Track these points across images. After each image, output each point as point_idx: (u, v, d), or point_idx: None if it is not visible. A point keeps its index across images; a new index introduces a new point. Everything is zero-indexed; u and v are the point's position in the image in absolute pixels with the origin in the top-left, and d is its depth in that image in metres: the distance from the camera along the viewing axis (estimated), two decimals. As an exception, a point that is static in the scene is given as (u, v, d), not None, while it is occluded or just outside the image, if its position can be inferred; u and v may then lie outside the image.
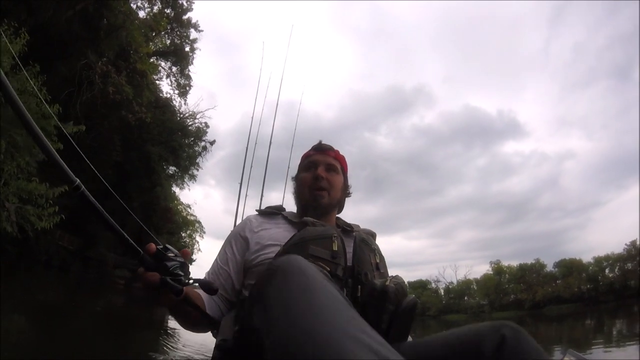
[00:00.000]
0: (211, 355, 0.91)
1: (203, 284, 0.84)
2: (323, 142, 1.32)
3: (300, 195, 1.25)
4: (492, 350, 0.68)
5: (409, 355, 0.76)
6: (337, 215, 1.31)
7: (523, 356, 0.66)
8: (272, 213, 1.24)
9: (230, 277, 1.11)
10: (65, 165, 0.56)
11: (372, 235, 1.22)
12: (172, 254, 0.75)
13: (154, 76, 18.61)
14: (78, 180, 0.55)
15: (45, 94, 6.75)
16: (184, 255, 0.78)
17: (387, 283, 0.92)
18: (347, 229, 1.22)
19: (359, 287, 0.97)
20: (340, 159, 1.30)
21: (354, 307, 0.74)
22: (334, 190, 1.22)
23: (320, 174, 1.20)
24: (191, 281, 0.79)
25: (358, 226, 1.26)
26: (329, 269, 0.90)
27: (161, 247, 0.75)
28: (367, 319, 0.76)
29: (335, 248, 0.98)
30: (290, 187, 1.35)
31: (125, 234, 0.70)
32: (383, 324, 0.87)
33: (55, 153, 0.52)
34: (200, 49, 25.72)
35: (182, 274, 0.74)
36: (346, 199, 1.32)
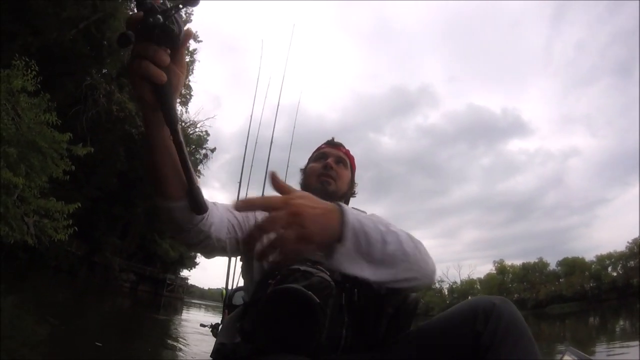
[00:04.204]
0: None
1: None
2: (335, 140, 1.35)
3: (307, 184, 1.24)
4: (484, 315, 0.70)
5: (412, 340, 0.81)
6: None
7: (510, 322, 0.68)
8: None
9: (239, 225, 0.93)
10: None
11: None
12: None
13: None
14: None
15: (56, 120, 7.55)
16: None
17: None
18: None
19: (356, 290, 0.88)
20: (350, 158, 1.31)
21: (352, 311, 0.80)
22: (340, 182, 1.22)
23: (330, 164, 1.22)
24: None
25: (367, 213, 1.18)
26: (328, 273, 0.83)
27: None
28: (365, 323, 0.82)
29: None
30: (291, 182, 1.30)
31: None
32: (382, 327, 0.85)
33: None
34: (199, 61, 26.53)
35: (175, 27, 0.51)
36: (351, 199, 1.32)
